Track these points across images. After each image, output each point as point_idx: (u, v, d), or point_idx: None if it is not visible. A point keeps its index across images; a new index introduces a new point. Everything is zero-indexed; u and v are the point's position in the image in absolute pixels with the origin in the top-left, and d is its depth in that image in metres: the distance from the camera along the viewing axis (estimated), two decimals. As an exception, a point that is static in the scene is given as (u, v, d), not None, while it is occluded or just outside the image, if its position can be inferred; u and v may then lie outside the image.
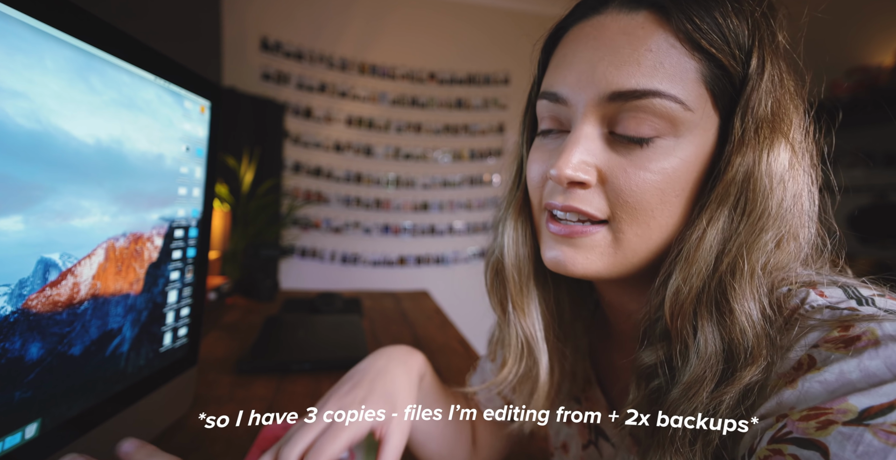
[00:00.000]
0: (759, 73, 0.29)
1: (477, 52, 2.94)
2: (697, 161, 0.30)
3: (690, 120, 0.29)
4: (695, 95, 0.29)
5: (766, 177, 0.29)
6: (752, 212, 0.29)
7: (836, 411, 0.22)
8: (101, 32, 0.38)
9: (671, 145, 0.30)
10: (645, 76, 0.29)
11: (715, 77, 0.29)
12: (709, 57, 0.29)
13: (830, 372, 0.23)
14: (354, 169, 2.82)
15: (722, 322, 0.28)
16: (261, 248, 1.55)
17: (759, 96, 0.29)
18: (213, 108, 0.57)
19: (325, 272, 2.77)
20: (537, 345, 0.41)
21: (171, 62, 0.48)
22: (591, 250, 0.33)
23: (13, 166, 0.31)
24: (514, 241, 0.41)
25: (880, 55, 1.96)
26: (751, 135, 0.29)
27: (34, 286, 0.34)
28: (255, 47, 2.59)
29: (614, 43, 0.30)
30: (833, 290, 0.29)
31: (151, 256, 0.47)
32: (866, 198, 1.96)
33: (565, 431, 0.48)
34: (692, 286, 0.29)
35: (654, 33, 0.29)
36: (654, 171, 0.30)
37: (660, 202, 0.30)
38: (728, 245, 0.29)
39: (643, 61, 0.29)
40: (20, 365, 0.33)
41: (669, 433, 0.29)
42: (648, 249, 0.32)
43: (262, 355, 0.81)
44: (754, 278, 0.28)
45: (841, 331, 0.25)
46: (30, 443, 0.34)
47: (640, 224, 0.31)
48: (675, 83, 0.28)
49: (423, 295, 1.59)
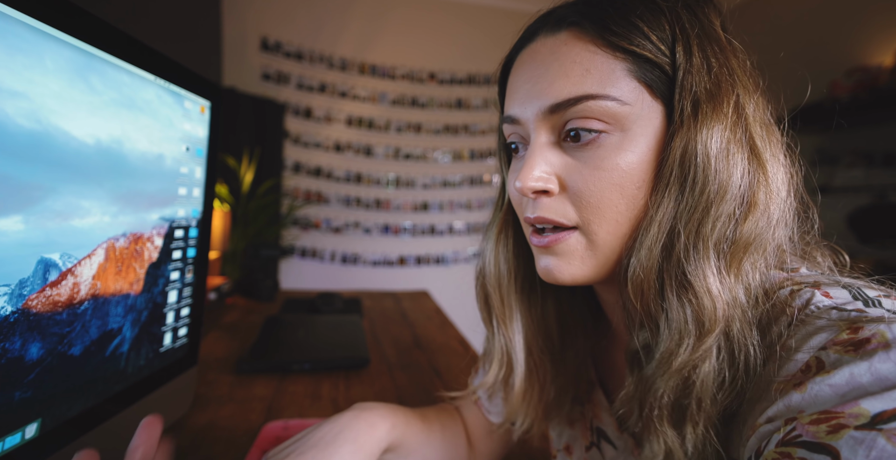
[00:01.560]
0: (687, 58, 0.31)
1: (477, 52, 2.94)
2: (650, 149, 0.31)
3: (630, 113, 0.31)
4: (628, 89, 0.31)
5: (702, 152, 0.30)
6: (694, 188, 0.30)
7: (848, 415, 0.22)
8: (101, 32, 0.38)
9: (619, 141, 0.31)
10: (575, 84, 0.31)
11: (644, 70, 0.31)
12: (632, 54, 0.31)
13: (840, 376, 0.23)
14: (354, 169, 2.82)
15: (685, 298, 0.29)
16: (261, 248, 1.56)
17: (692, 79, 0.30)
18: (213, 108, 0.57)
19: (325, 272, 2.77)
20: (515, 355, 0.43)
21: (171, 62, 0.48)
22: (571, 256, 0.34)
23: (13, 166, 0.31)
24: (495, 258, 0.43)
25: (880, 55, 1.96)
26: (689, 115, 0.30)
27: (34, 286, 0.34)
28: (255, 47, 2.59)
29: (545, 63, 0.33)
30: (838, 291, 0.28)
31: (151, 256, 0.47)
32: (866, 199, 1.96)
33: (568, 433, 0.48)
34: (645, 266, 0.31)
35: (576, 46, 0.32)
36: (608, 169, 0.31)
37: (621, 197, 0.31)
38: (677, 223, 0.30)
39: (571, 72, 0.32)
40: (20, 365, 0.33)
41: (653, 413, 0.30)
42: (622, 243, 0.33)
43: (262, 355, 0.81)
44: (709, 253, 0.29)
45: (850, 333, 0.25)
46: (30, 443, 0.34)
47: (609, 221, 0.32)
48: (606, 83, 0.31)
49: (423, 295, 1.59)
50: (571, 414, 0.48)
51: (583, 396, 0.47)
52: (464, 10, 2.93)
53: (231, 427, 0.59)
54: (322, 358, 0.81)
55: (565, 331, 0.45)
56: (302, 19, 2.66)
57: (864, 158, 1.98)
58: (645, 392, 0.31)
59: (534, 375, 0.44)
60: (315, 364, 0.80)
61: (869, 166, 1.97)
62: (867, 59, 1.99)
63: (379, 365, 0.85)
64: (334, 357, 0.82)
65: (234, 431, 0.58)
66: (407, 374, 0.81)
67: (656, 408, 0.30)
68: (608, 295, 0.40)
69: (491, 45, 2.94)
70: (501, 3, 2.97)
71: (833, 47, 2.09)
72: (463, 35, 2.92)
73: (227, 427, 0.59)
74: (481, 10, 2.96)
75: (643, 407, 0.32)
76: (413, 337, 1.05)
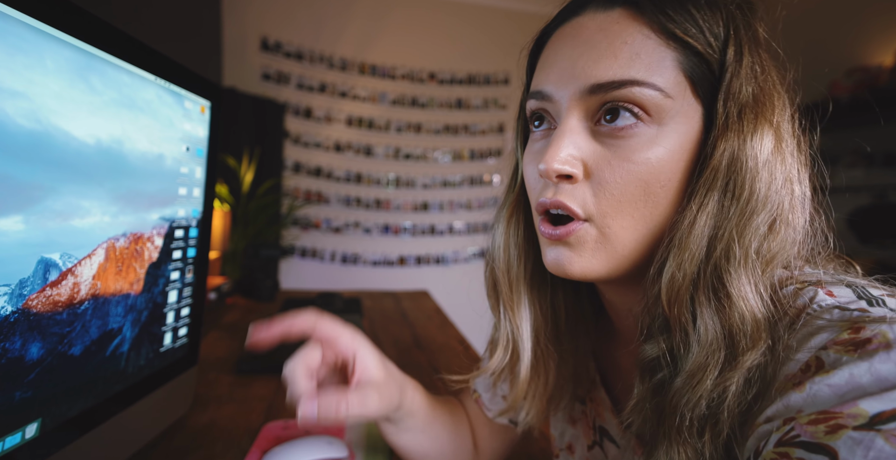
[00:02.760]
0: (738, 60, 0.30)
1: (477, 52, 2.94)
2: (682, 149, 0.30)
3: (671, 107, 0.30)
4: (673, 83, 0.30)
5: (751, 160, 0.29)
6: (740, 195, 0.29)
7: (847, 415, 0.21)
8: (102, 32, 0.38)
9: (654, 134, 0.30)
10: (622, 67, 0.29)
11: (692, 64, 0.30)
12: (684, 45, 0.29)
13: (840, 376, 0.23)
14: (354, 169, 2.82)
15: (720, 307, 0.28)
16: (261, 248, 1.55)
17: (740, 82, 0.29)
18: (214, 108, 0.57)
19: (325, 272, 2.77)
20: (522, 344, 0.41)
21: (171, 62, 0.48)
22: (582, 247, 0.33)
23: (13, 166, 0.31)
24: (505, 243, 0.42)
25: (880, 55, 1.96)
26: (734, 120, 0.29)
27: (34, 286, 0.34)
28: (255, 47, 2.59)
29: (592, 39, 0.31)
30: (841, 290, 0.28)
31: (151, 256, 0.47)
32: (866, 199, 1.96)
33: (570, 432, 0.48)
34: (686, 272, 0.29)
35: (629, 27, 0.30)
36: (638, 162, 0.30)
37: (643, 193, 0.30)
38: (719, 230, 0.29)
39: (619, 54, 0.30)
40: (20, 365, 0.33)
41: (676, 423, 0.29)
42: (637, 241, 0.32)
43: (261, 355, 0.81)
44: (748, 262, 0.29)
45: (851, 333, 0.24)
46: (30, 443, 0.34)
47: (625, 216, 0.31)
48: (653, 72, 0.29)
49: (423, 295, 1.59)
50: (573, 413, 0.48)
51: (584, 395, 0.47)
52: (464, 10, 2.93)
53: (231, 427, 0.59)
54: (322, 358, 0.81)
55: (572, 323, 0.45)
56: (302, 19, 2.66)
57: (864, 158, 1.98)
58: (668, 403, 0.30)
59: (540, 364, 0.43)
60: (315, 364, 0.80)
61: (869, 166, 1.97)
62: (867, 59, 1.99)
63: (379, 365, 0.85)
64: (334, 357, 0.82)
65: (234, 431, 0.58)
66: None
67: (687, 420, 0.29)
68: (617, 297, 0.39)
69: (491, 45, 2.94)
70: (501, 3, 2.97)
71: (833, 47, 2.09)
72: (463, 35, 2.92)
73: (227, 427, 0.59)
74: (481, 10, 2.96)
75: (663, 416, 0.30)
76: (413, 337, 1.05)
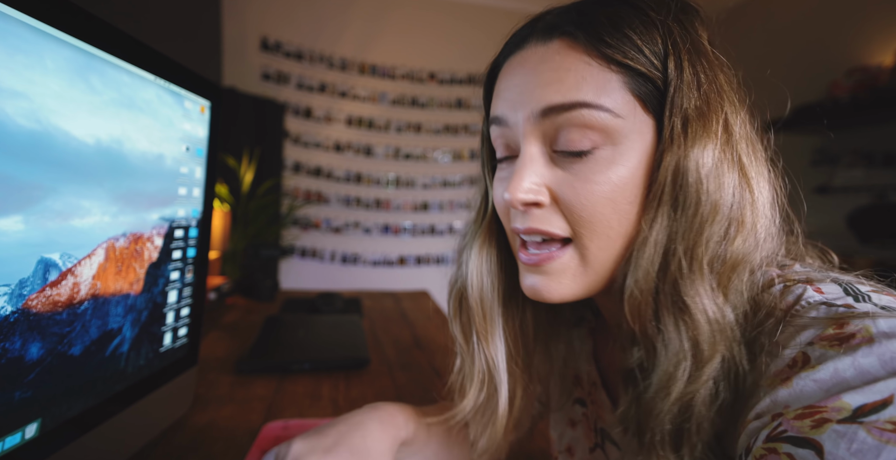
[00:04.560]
0: (679, 74, 0.30)
1: (477, 52, 2.93)
2: (641, 165, 0.31)
3: (623, 126, 0.30)
4: (622, 103, 0.30)
5: (694, 171, 0.29)
6: (688, 207, 0.29)
7: (831, 409, 0.22)
8: (101, 32, 0.38)
9: (610, 154, 0.31)
10: (570, 90, 0.30)
11: (638, 84, 0.30)
12: (625, 67, 0.30)
13: (825, 371, 0.23)
14: (354, 169, 2.82)
15: (681, 319, 0.29)
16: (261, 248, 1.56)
17: (682, 95, 0.30)
18: (213, 108, 0.57)
19: (325, 272, 2.77)
20: (498, 374, 0.41)
21: (171, 62, 0.48)
22: (562, 275, 0.33)
23: (13, 166, 0.31)
24: (479, 270, 0.42)
25: (880, 55, 1.96)
26: (679, 132, 0.30)
27: (34, 286, 0.34)
28: (255, 47, 2.59)
29: (536, 69, 0.32)
30: (830, 287, 0.28)
31: (151, 256, 0.47)
32: (866, 199, 1.96)
33: (570, 434, 0.48)
34: (643, 288, 0.30)
35: (569, 56, 0.31)
36: (600, 182, 0.31)
37: (613, 211, 0.31)
38: (672, 243, 0.30)
39: (565, 79, 0.31)
40: (20, 365, 0.33)
41: (649, 438, 0.30)
42: (614, 260, 0.32)
43: (261, 355, 0.81)
44: (703, 273, 0.29)
45: (836, 328, 0.25)
46: (30, 443, 0.34)
47: (601, 236, 0.32)
48: (601, 94, 0.30)
49: (423, 295, 1.59)
50: (573, 415, 0.48)
51: (585, 397, 0.47)
52: (464, 10, 2.93)
53: (231, 427, 0.59)
54: (322, 359, 0.81)
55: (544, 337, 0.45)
56: (302, 19, 2.66)
57: (863, 158, 1.98)
58: (645, 415, 0.30)
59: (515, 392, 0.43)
60: (315, 364, 0.80)
61: (869, 166, 1.97)
62: (867, 59, 1.99)
63: (379, 365, 0.85)
64: (334, 357, 0.82)
65: (234, 431, 0.58)
66: (407, 374, 0.81)
67: (658, 434, 0.29)
68: (600, 301, 0.40)
69: (491, 44, 2.89)
70: (501, 3, 2.97)
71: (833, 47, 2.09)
72: (463, 35, 2.92)
73: (227, 427, 0.59)
74: (481, 10, 2.96)
75: (644, 431, 0.31)
76: (413, 337, 1.05)
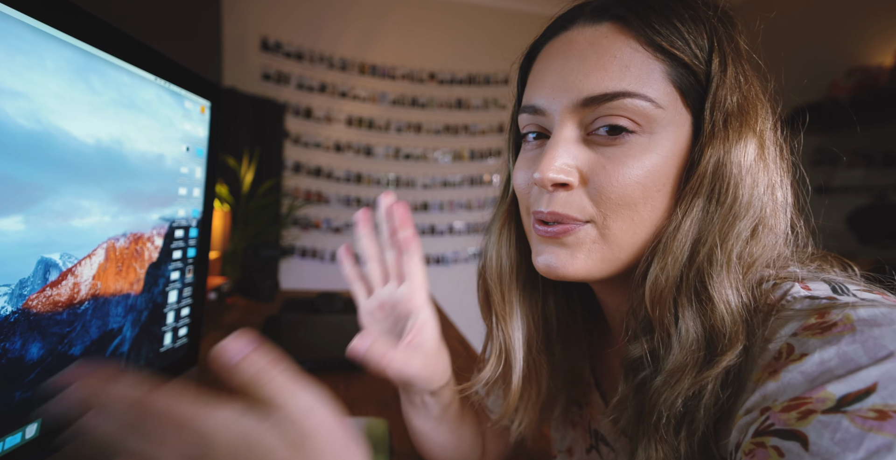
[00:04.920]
0: (723, 70, 0.31)
1: (477, 52, 2.94)
2: (674, 156, 0.31)
3: (662, 117, 0.31)
4: (663, 93, 0.31)
5: (735, 167, 0.30)
6: (724, 201, 0.30)
7: (816, 400, 0.22)
8: (101, 32, 0.38)
9: (646, 142, 0.31)
10: (613, 80, 0.30)
11: (680, 75, 0.31)
12: (671, 57, 0.31)
13: (811, 362, 0.23)
14: (354, 169, 2.82)
15: (701, 310, 0.29)
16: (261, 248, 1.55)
17: (725, 91, 0.31)
18: (214, 108, 0.57)
19: (325, 272, 2.77)
20: (514, 354, 0.41)
21: (171, 62, 0.48)
22: (579, 248, 0.33)
23: (13, 166, 0.31)
24: (497, 253, 0.42)
25: (880, 55, 1.96)
26: (720, 128, 0.30)
27: (34, 286, 0.34)
28: (255, 47, 2.59)
29: (582, 53, 0.32)
30: (818, 284, 0.29)
31: (152, 256, 0.47)
32: (866, 199, 1.96)
33: (570, 435, 0.48)
34: (669, 275, 0.30)
35: (617, 40, 0.31)
36: (633, 166, 0.31)
37: (642, 197, 0.31)
38: (703, 234, 0.30)
39: (609, 67, 0.31)
40: (20, 365, 0.33)
41: (654, 421, 0.30)
42: (635, 244, 0.33)
43: (262, 355, 0.81)
44: (731, 266, 0.29)
45: (818, 317, 0.25)
46: (30, 443, 0.34)
47: (625, 219, 0.32)
48: (643, 83, 0.30)
49: (423, 295, 1.59)
50: (573, 417, 0.48)
51: (580, 398, 0.47)
52: (464, 10, 2.93)
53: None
54: (322, 359, 0.81)
55: (563, 332, 0.45)
56: (302, 19, 2.66)
57: (863, 158, 1.98)
58: (648, 401, 0.31)
59: (532, 374, 0.43)
60: (315, 364, 0.80)
61: (869, 166, 1.97)
62: (867, 59, 1.99)
63: (379, 365, 0.85)
64: (334, 357, 0.82)
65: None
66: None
67: (664, 418, 0.30)
68: (611, 298, 0.39)
69: (491, 45, 2.94)
70: (501, 3, 2.97)
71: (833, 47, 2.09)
72: (463, 35, 2.92)
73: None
74: (481, 10, 2.96)
75: (643, 414, 0.31)
76: (413, 337, 1.05)
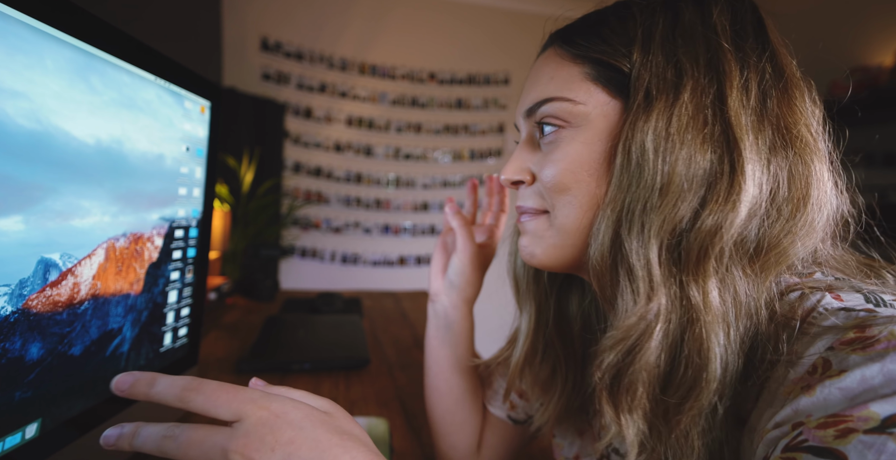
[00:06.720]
0: (644, 56, 0.33)
1: (477, 52, 2.94)
2: (599, 141, 0.34)
3: (584, 111, 0.34)
4: (583, 91, 0.35)
5: (640, 144, 0.31)
6: (635, 178, 0.31)
7: (857, 418, 0.21)
8: (101, 32, 0.38)
9: (573, 134, 0.35)
10: (542, 91, 0.37)
11: (599, 72, 0.34)
12: (591, 60, 0.35)
13: (851, 378, 0.22)
14: (354, 169, 2.82)
15: (631, 282, 0.31)
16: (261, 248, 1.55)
17: (647, 74, 0.32)
18: (214, 108, 0.57)
19: (325, 272, 2.77)
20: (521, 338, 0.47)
21: (171, 62, 0.48)
22: (538, 236, 0.38)
23: (13, 166, 0.31)
24: (512, 248, 0.48)
25: (880, 55, 1.96)
26: (641, 108, 0.32)
27: (34, 286, 0.34)
28: (255, 47, 2.59)
29: (532, 76, 0.39)
30: (850, 294, 0.28)
31: (151, 256, 0.47)
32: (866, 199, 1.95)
33: (578, 443, 0.48)
34: (601, 252, 0.33)
35: (552, 61, 0.37)
36: (560, 156, 0.35)
37: (574, 181, 0.35)
38: (625, 212, 0.31)
39: (541, 81, 0.37)
40: (20, 365, 0.33)
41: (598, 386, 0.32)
42: (579, 229, 0.35)
43: (262, 355, 0.81)
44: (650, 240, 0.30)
45: (857, 332, 0.24)
46: (30, 443, 0.34)
47: (566, 205, 0.35)
48: (564, 88, 0.35)
49: (423, 295, 1.59)
50: (580, 425, 0.48)
51: (590, 407, 0.46)
52: (464, 10, 2.93)
53: (231, 427, 0.59)
54: (322, 358, 0.81)
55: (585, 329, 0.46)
56: (302, 19, 2.66)
57: (863, 158, 1.98)
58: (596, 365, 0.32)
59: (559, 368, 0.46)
60: (315, 364, 0.80)
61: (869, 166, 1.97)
62: (867, 59, 1.99)
63: (379, 365, 0.85)
64: (334, 357, 0.82)
65: (234, 431, 0.58)
66: (407, 374, 0.81)
67: (598, 376, 0.32)
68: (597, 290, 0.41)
69: (491, 45, 2.94)
70: (501, 3, 2.97)
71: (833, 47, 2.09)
72: (463, 35, 2.92)
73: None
74: (481, 10, 2.95)
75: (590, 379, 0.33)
76: (413, 337, 1.05)
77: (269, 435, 0.25)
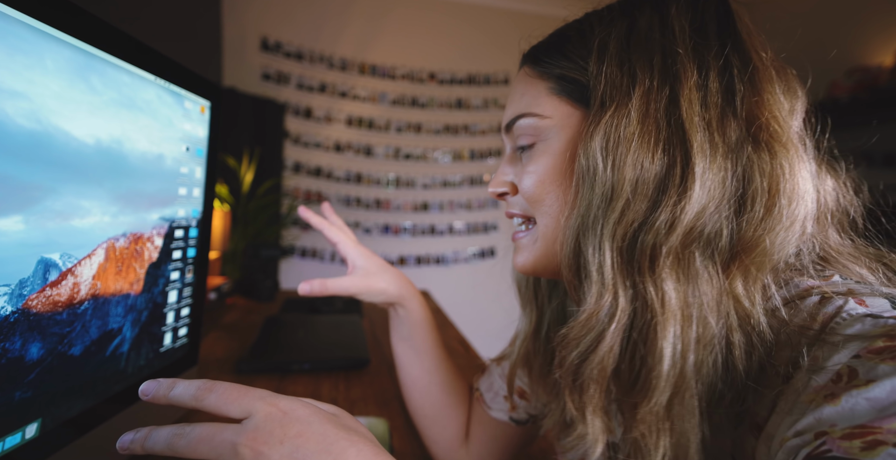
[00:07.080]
0: (599, 66, 0.34)
1: (477, 52, 2.94)
2: (564, 151, 0.36)
3: (550, 124, 0.36)
4: (549, 105, 0.37)
5: (589, 152, 0.32)
6: (587, 185, 0.32)
7: (886, 431, 0.20)
8: (101, 32, 0.38)
9: (543, 147, 0.37)
10: (515, 107, 0.39)
11: (564, 86, 0.36)
12: (554, 75, 0.37)
13: (881, 389, 0.22)
14: (354, 169, 2.82)
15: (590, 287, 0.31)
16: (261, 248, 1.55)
17: (601, 82, 0.33)
18: (213, 108, 0.57)
19: (325, 272, 2.77)
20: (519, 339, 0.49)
21: (171, 62, 0.48)
22: (524, 248, 0.40)
23: (13, 166, 0.31)
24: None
25: (880, 55, 1.96)
26: (595, 116, 0.33)
27: (34, 286, 0.34)
28: (255, 47, 2.59)
29: (509, 97, 0.41)
30: (875, 300, 0.27)
31: (151, 256, 0.47)
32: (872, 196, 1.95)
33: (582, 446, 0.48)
34: (569, 258, 0.33)
35: (523, 79, 0.39)
36: (531, 169, 0.37)
37: (545, 192, 0.37)
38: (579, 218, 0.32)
39: (514, 97, 0.40)
40: (20, 365, 0.33)
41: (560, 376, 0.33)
42: (556, 236, 0.36)
43: (261, 355, 0.81)
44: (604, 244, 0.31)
45: (886, 340, 0.23)
46: (30, 443, 0.34)
47: (543, 214, 0.37)
48: (532, 104, 0.37)
49: (423, 295, 1.59)
50: None
51: None
52: (464, 10, 2.93)
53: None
54: (322, 358, 0.81)
55: None
56: (302, 19, 2.66)
57: (864, 158, 1.98)
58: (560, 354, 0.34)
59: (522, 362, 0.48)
60: (315, 364, 0.80)
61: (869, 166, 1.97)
62: (867, 59, 1.99)
63: (379, 365, 0.85)
64: (334, 357, 0.82)
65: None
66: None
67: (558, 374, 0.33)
68: None
69: (491, 45, 2.94)
70: (501, 3, 2.97)
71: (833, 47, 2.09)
72: (463, 35, 2.92)
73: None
74: (481, 10, 2.96)
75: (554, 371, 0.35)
76: (413, 337, 1.05)
77: (278, 429, 0.26)
